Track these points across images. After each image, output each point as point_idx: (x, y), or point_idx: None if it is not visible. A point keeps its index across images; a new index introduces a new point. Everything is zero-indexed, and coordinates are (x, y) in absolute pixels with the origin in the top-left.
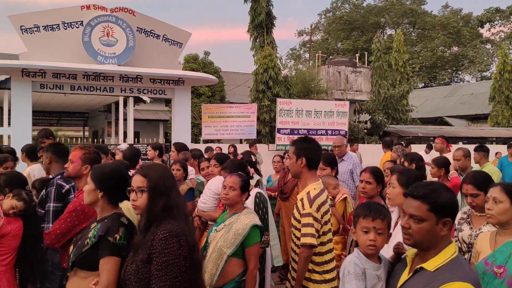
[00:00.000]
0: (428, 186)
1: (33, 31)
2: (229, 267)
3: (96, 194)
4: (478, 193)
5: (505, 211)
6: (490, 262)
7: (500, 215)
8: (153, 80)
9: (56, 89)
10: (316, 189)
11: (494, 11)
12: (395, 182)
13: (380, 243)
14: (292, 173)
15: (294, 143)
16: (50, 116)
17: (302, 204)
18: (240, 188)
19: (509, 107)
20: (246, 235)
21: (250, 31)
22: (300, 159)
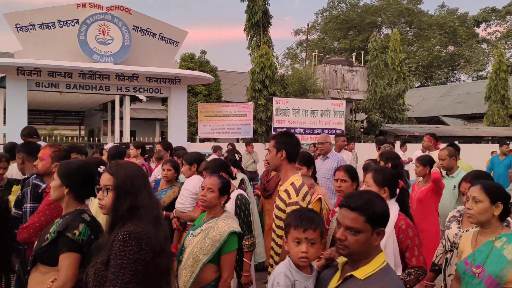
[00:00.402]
0: (363, 197)
1: (28, 29)
2: (203, 273)
3: (62, 190)
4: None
5: (485, 211)
6: (470, 262)
7: (479, 214)
8: (149, 79)
9: (52, 88)
10: (299, 180)
11: (490, 10)
12: (370, 181)
13: (313, 254)
14: (272, 166)
15: (274, 137)
16: (46, 115)
17: (288, 194)
18: (219, 190)
19: (505, 107)
20: (223, 242)
21: (247, 30)
22: (280, 152)
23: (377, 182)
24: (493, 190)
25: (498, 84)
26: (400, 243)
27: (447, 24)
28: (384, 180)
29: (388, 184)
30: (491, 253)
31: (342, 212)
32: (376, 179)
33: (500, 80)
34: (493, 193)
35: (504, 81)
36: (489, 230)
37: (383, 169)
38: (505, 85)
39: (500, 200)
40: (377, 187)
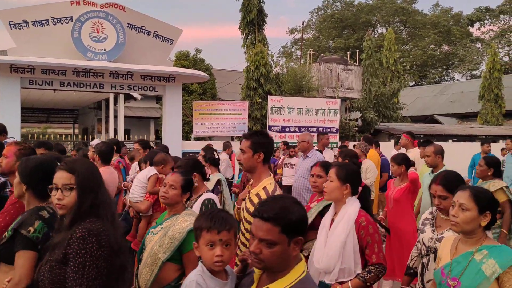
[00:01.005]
0: (277, 204)
1: (21, 27)
2: (164, 272)
3: (22, 188)
4: (447, 196)
5: (472, 220)
6: (446, 272)
7: (465, 224)
8: (143, 77)
9: (45, 86)
10: (271, 184)
11: (484, 10)
12: (333, 176)
13: (228, 256)
14: (245, 167)
15: (250, 137)
16: (40, 113)
17: (260, 198)
18: (181, 187)
19: (498, 106)
20: (183, 240)
21: (242, 28)
22: (258, 154)
23: (340, 177)
24: (483, 198)
25: (491, 83)
26: (360, 240)
27: (441, 23)
28: (347, 176)
29: (350, 181)
30: (469, 266)
31: (255, 223)
32: (339, 175)
33: (493, 79)
34: (483, 202)
35: (497, 80)
36: (472, 240)
37: (346, 165)
38: (499, 84)
39: (489, 210)
40: (339, 183)
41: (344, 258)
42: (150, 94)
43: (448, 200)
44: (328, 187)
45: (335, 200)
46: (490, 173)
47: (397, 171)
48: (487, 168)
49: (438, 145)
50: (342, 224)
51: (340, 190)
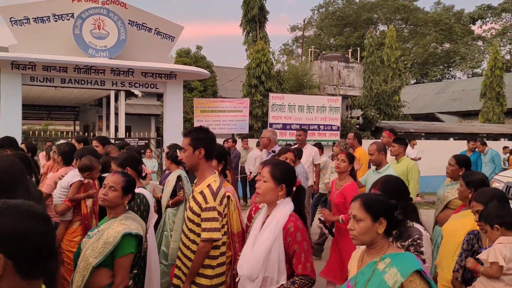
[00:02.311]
0: None
1: (23, 23)
2: (95, 278)
3: None
4: None
5: (367, 231)
6: (351, 285)
7: (362, 235)
8: (144, 74)
9: (47, 82)
10: (216, 181)
11: (485, 8)
12: (268, 175)
13: None
14: (188, 165)
15: (189, 134)
16: (41, 110)
17: (204, 197)
18: (122, 189)
19: (500, 104)
20: (117, 245)
21: (243, 25)
22: (198, 150)
23: (274, 177)
24: (373, 205)
25: (493, 81)
26: (287, 248)
27: (442, 21)
28: (283, 175)
29: (286, 181)
30: (372, 276)
31: None
32: (273, 174)
33: (495, 77)
34: (374, 209)
35: (499, 78)
36: (375, 249)
37: (281, 163)
38: (500, 82)
39: (383, 215)
40: (274, 183)
41: (268, 266)
42: (151, 91)
43: None
44: (262, 188)
45: (269, 203)
46: (461, 172)
47: (346, 168)
48: (458, 167)
49: (380, 142)
50: (269, 229)
51: (275, 192)
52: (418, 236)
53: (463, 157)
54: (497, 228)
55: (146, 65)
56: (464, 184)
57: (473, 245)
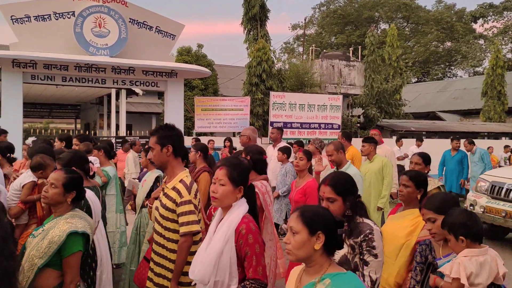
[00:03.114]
0: None
1: (24, 21)
2: (41, 280)
3: None
4: (336, 198)
5: (302, 245)
6: None
7: (297, 249)
8: (145, 72)
9: (48, 80)
10: (188, 176)
11: (487, 6)
12: (225, 178)
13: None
14: (157, 163)
15: (155, 132)
16: (42, 108)
17: (178, 192)
18: (63, 186)
19: (501, 103)
20: (62, 244)
21: (244, 23)
22: (166, 148)
23: (232, 179)
24: (312, 217)
25: (494, 80)
26: (239, 250)
27: (444, 20)
28: (240, 177)
29: (243, 182)
30: None
31: None
32: (231, 176)
33: (496, 76)
34: (312, 222)
35: (500, 77)
36: (314, 268)
37: (238, 164)
38: (502, 81)
39: (321, 229)
40: (232, 186)
41: (219, 270)
42: (152, 89)
43: (337, 203)
44: (219, 192)
45: (225, 207)
46: (427, 170)
47: (305, 165)
48: (425, 166)
49: (337, 142)
50: (221, 232)
51: (233, 195)
52: (369, 231)
53: (427, 155)
54: (462, 239)
55: (147, 64)
56: (413, 186)
57: (426, 257)
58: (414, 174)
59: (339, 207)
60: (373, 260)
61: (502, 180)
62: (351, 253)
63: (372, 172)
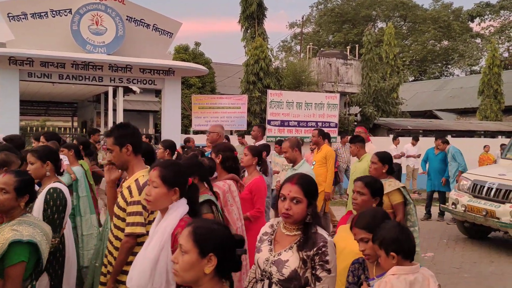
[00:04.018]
0: None
1: (20, 19)
2: None
3: None
4: (302, 199)
5: (191, 266)
6: None
7: (184, 271)
8: (143, 70)
9: (44, 78)
10: (145, 176)
11: (484, 5)
12: (157, 180)
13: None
14: (118, 164)
15: (111, 133)
16: (38, 105)
17: (130, 191)
18: (14, 190)
19: (498, 101)
20: (4, 253)
21: (241, 21)
22: (125, 147)
23: (166, 181)
24: (205, 236)
25: (491, 78)
26: None
27: (441, 19)
28: (175, 178)
29: (179, 183)
30: None
31: None
32: (164, 178)
33: (493, 75)
34: (204, 241)
35: (497, 75)
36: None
37: (172, 164)
38: (498, 79)
39: (214, 251)
40: (166, 188)
41: (155, 277)
42: (149, 87)
43: (301, 205)
44: (152, 195)
45: (161, 209)
46: (385, 170)
47: (249, 161)
48: (382, 165)
49: (293, 139)
50: (156, 237)
51: (167, 197)
52: (323, 244)
53: (385, 154)
54: (393, 256)
55: (144, 61)
56: (369, 193)
57: (359, 277)
58: (369, 180)
59: (302, 210)
60: (326, 276)
61: (483, 179)
62: (302, 267)
63: (359, 171)
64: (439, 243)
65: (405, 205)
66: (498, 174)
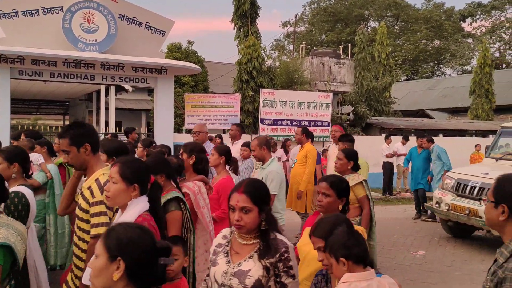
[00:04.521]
0: None
1: (11, 16)
2: None
3: None
4: (252, 208)
5: (99, 272)
6: None
7: (94, 277)
8: (135, 69)
9: (35, 76)
10: (105, 174)
11: (475, 5)
12: (116, 176)
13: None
14: (77, 166)
15: (66, 134)
16: (29, 104)
17: (91, 192)
18: None
19: (489, 101)
20: None
21: (234, 20)
22: (83, 147)
23: (125, 177)
24: (116, 237)
25: (482, 78)
26: None
27: (433, 18)
28: (134, 174)
29: (139, 180)
30: None
31: None
32: (124, 174)
33: (484, 75)
34: (115, 243)
35: (488, 75)
36: None
37: (132, 161)
38: (490, 79)
39: (123, 256)
40: (125, 184)
41: None
42: (141, 86)
43: (252, 214)
44: (111, 191)
45: (121, 205)
46: (350, 166)
47: (216, 161)
48: (347, 161)
49: (262, 137)
50: None
51: (126, 193)
52: (285, 249)
53: (351, 151)
54: (344, 262)
55: (137, 60)
56: (335, 194)
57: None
58: (335, 180)
59: (253, 218)
60: (291, 282)
61: (467, 178)
62: (265, 276)
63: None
64: (430, 241)
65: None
66: (482, 173)
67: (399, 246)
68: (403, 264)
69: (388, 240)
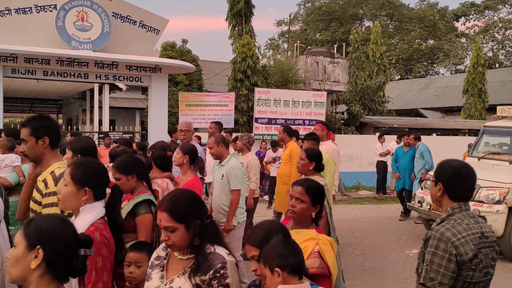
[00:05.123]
0: None
1: (4, 14)
2: None
3: None
4: (176, 227)
5: (17, 260)
6: None
7: (11, 266)
8: (129, 67)
9: (29, 75)
10: (61, 167)
11: (469, 5)
12: (68, 178)
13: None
14: (32, 157)
15: (28, 124)
16: (22, 102)
17: (46, 183)
18: None
19: (482, 100)
20: None
21: (229, 19)
22: (42, 140)
23: (75, 180)
24: (35, 226)
25: (475, 78)
26: None
27: (427, 18)
28: (86, 177)
29: (91, 183)
30: None
31: None
32: (75, 176)
33: (477, 74)
34: (32, 233)
35: (481, 75)
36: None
37: (86, 163)
38: (483, 79)
39: (41, 243)
40: (75, 187)
41: None
42: (135, 84)
43: (178, 233)
44: (62, 194)
45: (73, 210)
46: (312, 167)
47: (180, 160)
48: (309, 162)
49: (219, 135)
50: None
51: (76, 197)
52: (221, 265)
53: (314, 151)
54: (278, 272)
55: (131, 58)
56: (309, 201)
57: None
58: (312, 185)
59: (181, 236)
60: None
61: None
62: None
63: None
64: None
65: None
66: None
67: (392, 245)
68: (396, 263)
69: (381, 239)
